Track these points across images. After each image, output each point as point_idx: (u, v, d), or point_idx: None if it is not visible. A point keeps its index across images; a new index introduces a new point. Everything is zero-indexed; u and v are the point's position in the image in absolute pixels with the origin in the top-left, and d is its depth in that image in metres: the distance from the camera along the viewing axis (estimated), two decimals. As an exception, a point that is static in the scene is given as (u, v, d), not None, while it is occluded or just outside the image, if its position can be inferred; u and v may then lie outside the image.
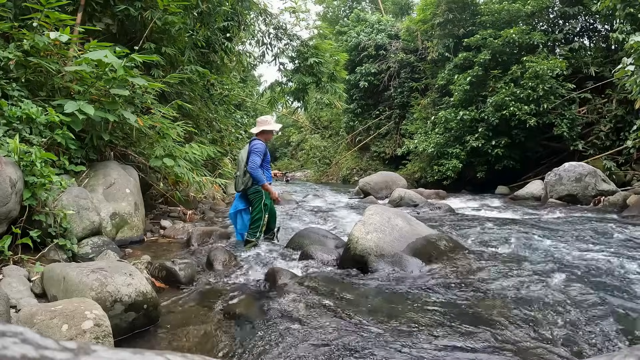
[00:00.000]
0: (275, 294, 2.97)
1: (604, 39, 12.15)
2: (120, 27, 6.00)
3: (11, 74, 4.04)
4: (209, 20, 7.73)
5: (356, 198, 10.96)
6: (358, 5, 26.72)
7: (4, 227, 3.05)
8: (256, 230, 4.40)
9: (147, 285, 2.51)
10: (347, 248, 3.70)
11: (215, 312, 2.74)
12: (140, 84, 4.54)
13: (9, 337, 0.45)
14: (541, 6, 12.28)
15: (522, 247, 4.34)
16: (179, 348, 2.26)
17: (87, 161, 4.56)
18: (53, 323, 1.94)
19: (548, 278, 3.13)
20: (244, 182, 4.43)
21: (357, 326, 2.40)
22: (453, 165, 12.69)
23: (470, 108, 12.61)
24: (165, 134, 5.24)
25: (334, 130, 24.38)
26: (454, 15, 14.09)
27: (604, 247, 4.21)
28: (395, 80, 17.84)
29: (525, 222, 6.08)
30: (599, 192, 8.27)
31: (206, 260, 3.84)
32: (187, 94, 7.27)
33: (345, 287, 3.11)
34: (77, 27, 4.85)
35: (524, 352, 2.08)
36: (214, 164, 8.80)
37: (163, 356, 0.54)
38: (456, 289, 2.98)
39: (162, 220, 5.56)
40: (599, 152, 10.74)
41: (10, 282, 2.67)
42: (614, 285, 3.02)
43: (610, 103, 10.98)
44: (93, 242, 3.74)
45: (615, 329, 2.28)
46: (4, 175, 2.92)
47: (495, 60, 12.42)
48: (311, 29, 10.67)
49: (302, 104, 11.89)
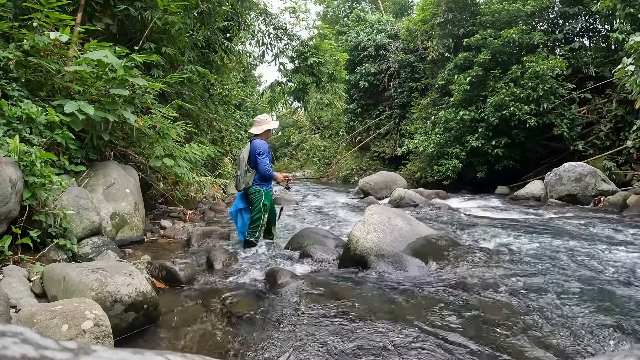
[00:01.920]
0: (275, 293, 2.97)
1: (604, 39, 12.16)
2: (120, 27, 6.00)
3: (11, 74, 4.04)
4: (209, 20, 7.73)
5: (356, 198, 10.96)
6: (358, 5, 26.74)
7: (4, 227, 3.05)
8: (255, 229, 4.40)
9: (147, 285, 2.51)
10: (347, 248, 3.70)
11: (215, 312, 2.74)
12: (140, 84, 4.53)
13: (9, 337, 0.45)
14: (541, 6, 12.29)
15: (522, 247, 4.34)
16: (179, 348, 2.26)
17: (87, 161, 4.56)
18: (53, 323, 1.94)
19: (548, 278, 3.13)
20: (244, 182, 4.44)
21: (357, 326, 2.40)
22: (453, 165, 12.69)
23: (470, 108, 12.61)
24: (165, 134, 5.23)
25: (334, 130, 24.39)
26: (454, 15, 14.10)
27: (604, 247, 4.21)
28: (395, 80, 17.84)
29: (525, 222, 6.08)
30: (599, 192, 8.27)
31: (206, 260, 3.84)
32: (187, 94, 7.27)
33: (345, 287, 3.11)
34: (77, 27, 4.85)
35: (524, 352, 2.08)
36: (214, 164, 8.80)
37: (163, 356, 0.54)
38: (456, 289, 2.98)
39: (162, 220, 5.56)
40: (599, 152, 10.74)
41: (10, 282, 2.67)
42: (614, 286, 3.02)
43: (610, 103, 10.98)
44: (93, 242, 3.74)
45: (616, 329, 2.28)
46: (4, 175, 2.92)
47: (495, 60, 12.42)
48: (311, 29, 10.68)
49: (302, 104, 11.89)
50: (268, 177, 4.43)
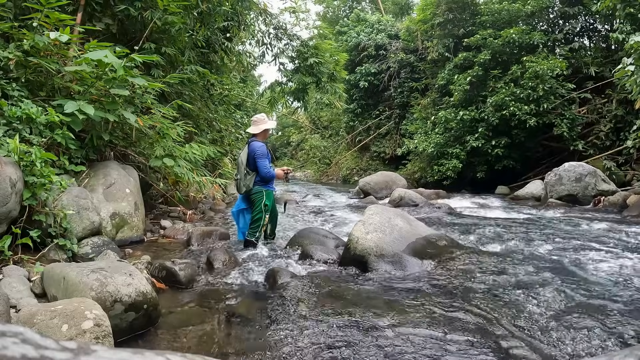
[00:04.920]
0: (275, 294, 2.97)
1: (604, 39, 12.16)
2: (120, 27, 6.00)
3: (11, 74, 4.04)
4: (209, 20, 7.73)
5: (356, 198, 10.97)
6: (358, 5, 26.75)
7: (4, 227, 3.05)
8: (256, 230, 4.40)
9: (147, 285, 2.51)
10: (347, 248, 3.70)
11: (215, 312, 2.74)
12: (140, 84, 4.53)
13: (9, 337, 0.45)
14: (541, 6, 12.29)
15: (522, 247, 4.34)
16: (179, 348, 2.26)
17: (87, 161, 4.56)
18: (53, 323, 1.93)
19: (548, 278, 3.13)
20: (245, 185, 4.43)
21: (357, 326, 2.39)
22: (453, 165, 12.69)
23: (470, 108, 12.61)
24: (165, 134, 5.23)
25: (334, 130, 24.39)
26: (454, 15, 14.09)
27: (604, 247, 4.21)
28: (395, 80, 17.84)
29: (525, 222, 6.08)
30: (599, 192, 8.27)
31: (206, 260, 3.84)
32: (187, 94, 7.26)
33: (345, 287, 3.11)
34: (77, 27, 4.85)
35: (525, 352, 2.08)
36: (214, 164, 8.80)
37: (163, 356, 0.54)
38: (456, 289, 2.97)
39: (162, 220, 5.56)
40: (599, 152, 10.74)
41: (10, 282, 2.67)
42: (614, 286, 3.02)
43: (610, 103, 10.98)
44: (93, 242, 3.74)
45: (616, 329, 2.28)
46: (4, 175, 2.92)
47: (495, 60, 12.42)
48: (311, 29, 10.70)
49: (302, 104, 11.89)
50: (270, 179, 4.43)
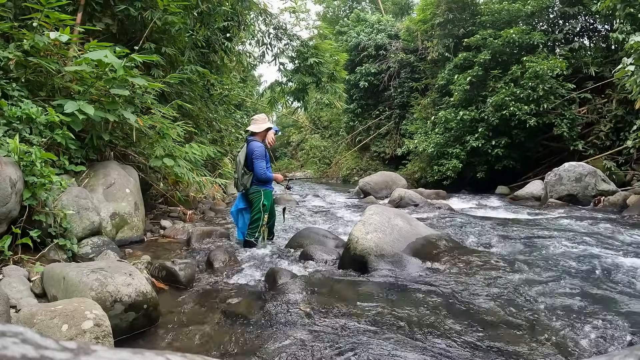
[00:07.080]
0: (275, 294, 2.97)
1: (604, 39, 12.15)
2: (120, 27, 5.99)
3: (11, 74, 4.03)
4: (209, 20, 7.73)
5: (356, 198, 10.97)
6: (358, 5, 26.76)
7: (4, 227, 3.05)
8: (255, 230, 4.40)
9: (147, 285, 2.51)
10: (347, 248, 3.70)
11: (215, 312, 2.74)
12: (140, 84, 4.53)
13: (9, 337, 0.45)
14: (541, 6, 12.28)
15: (521, 247, 4.34)
16: (179, 348, 2.26)
17: (87, 161, 4.56)
18: (53, 323, 1.94)
19: (548, 278, 3.13)
20: (242, 184, 4.45)
21: (357, 326, 2.40)
22: (453, 165, 12.68)
23: (470, 108, 12.61)
24: (165, 134, 5.23)
25: (334, 130, 24.39)
26: (454, 15, 14.09)
27: (603, 247, 4.21)
28: (395, 80, 17.84)
29: (525, 222, 6.08)
30: (599, 192, 8.27)
31: (206, 260, 3.84)
32: (187, 94, 7.26)
33: (345, 287, 3.11)
34: (77, 27, 4.85)
35: (524, 352, 2.08)
36: (214, 164, 8.80)
37: (163, 356, 0.54)
38: (456, 289, 2.97)
39: (162, 220, 5.56)
40: (599, 152, 10.73)
41: (10, 282, 2.67)
42: (614, 286, 3.02)
43: (610, 103, 10.98)
44: (93, 242, 3.73)
45: (616, 329, 2.28)
46: (4, 175, 2.92)
47: (495, 60, 12.41)
48: (311, 29, 10.66)
49: (302, 104, 11.88)
50: (265, 180, 4.41)
